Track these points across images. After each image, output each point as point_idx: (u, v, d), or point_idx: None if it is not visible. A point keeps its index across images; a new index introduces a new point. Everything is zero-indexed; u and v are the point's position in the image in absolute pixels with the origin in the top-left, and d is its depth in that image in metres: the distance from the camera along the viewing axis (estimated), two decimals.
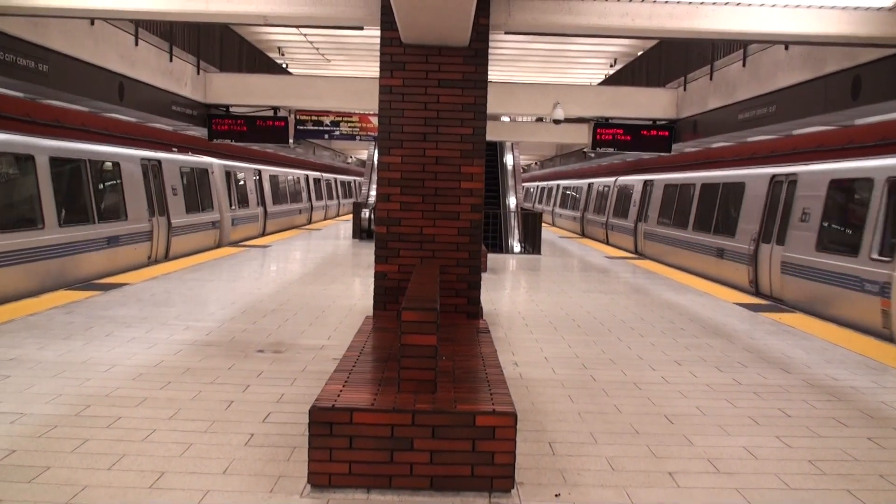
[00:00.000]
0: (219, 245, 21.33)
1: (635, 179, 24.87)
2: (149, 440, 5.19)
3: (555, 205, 40.86)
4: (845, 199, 12.30)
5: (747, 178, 16.07)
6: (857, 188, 11.84)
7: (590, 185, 31.99)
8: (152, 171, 17.55)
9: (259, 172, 26.70)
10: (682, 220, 19.59)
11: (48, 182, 12.82)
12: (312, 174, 37.11)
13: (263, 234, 26.21)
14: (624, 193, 26.10)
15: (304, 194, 34.27)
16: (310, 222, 34.64)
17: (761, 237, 14.68)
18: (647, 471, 4.95)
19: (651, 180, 23.18)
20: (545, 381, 7.10)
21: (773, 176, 14.72)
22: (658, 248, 21.33)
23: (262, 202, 26.67)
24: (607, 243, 26.74)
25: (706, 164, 21.31)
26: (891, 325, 9.99)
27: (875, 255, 10.69)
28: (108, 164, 15.45)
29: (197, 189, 20.28)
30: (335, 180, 44.49)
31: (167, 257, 17.85)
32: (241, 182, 24.59)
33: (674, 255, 19.89)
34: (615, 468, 4.97)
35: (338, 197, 44.43)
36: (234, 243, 22.04)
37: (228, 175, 23.12)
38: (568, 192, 37.58)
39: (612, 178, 28.15)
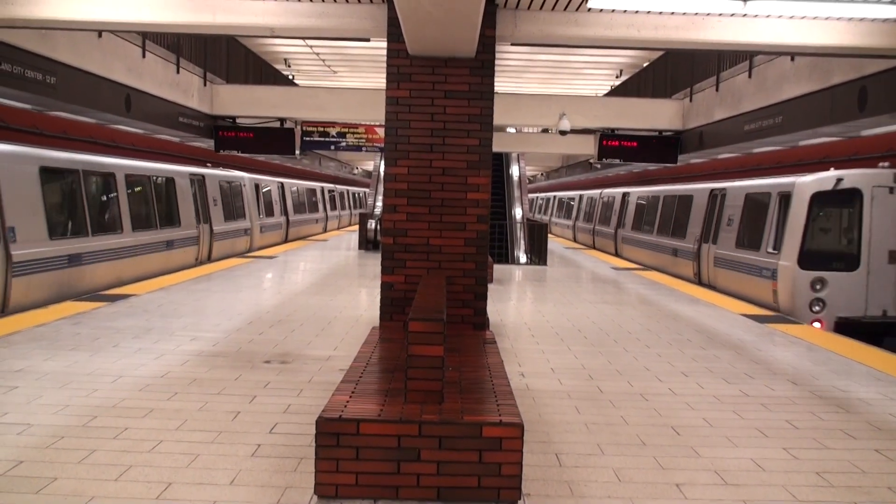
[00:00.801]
0: (250, 249, 23.63)
1: (615, 192, 28.28)
2: (156, 451, 5.19)
3: (551, 214, 43.95)
4: (755, 208, 15.45)
5: (694, 192, 19.36)
6: (761, 200, 15.08)
7: (580, 196, 35.60)
8: (198, 184, 19.89)
9: (282, 185, 29.13)
10: (650, 226, 22.90)
11: (125, 194, 15.42)
12: (328, 186, 39.76)
13: (286, 240, 28.67)
14: (607, 204, 29.43)
15: (321, 205, 36.91)
16: (325, 231, 37.08)
17: (702, 238, 18.05)
18: (654, 482, 4.93)
19: (628, 192, 26.47)
20: (552, 393, 7.09)
21: (712, 190, 18.06)
22: (632, 251, 24.56)
23: (286, 212, 29.23)
24: (594, 248, 30.02)
25: (685, 178, 24.67)
26: (778, 300, 13.43)
27: (770, 250, 14.14)
28: (166, 179, 17.87)
29: (232, 200, 22.62)
30: (347, 192, 46.75)
31: (209, 259, 20.09)
32: (268, 194, 26.89)
33: (644, 256, 23.08)
34: (622, 480, 4.96)
35: (349, 207, 46.35)
36: (262, 248, 24.56)
37: (257, 188, 25.42)
38: (562, 203, 41.22)
39: (598, 191, 31.68)
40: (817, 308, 12.87)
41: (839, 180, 13.02)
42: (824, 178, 13.19)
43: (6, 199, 11.38)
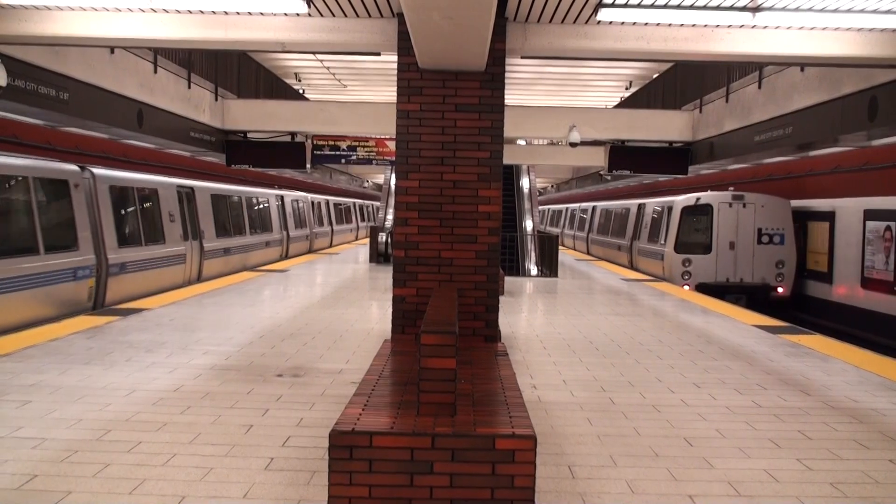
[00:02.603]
0: (309, 251, 31.52)
1: (589, 205, 36.40)
2: (169, 465, 5.22)
3: (546, 224, 52.16)
4: (657, 217, 22.93)
5: (630, 206, 27.07)
6: (661, 211, 22.54)
7: (567, 208, 44.34)
8: (281, 202, 27.74)
9: (328, 201, 37.75)
10: (606, 230, 30.78)
11: (246, 210, 23.40)
12: (358, 201, 48.95)
13: (331, 245, 36.92)
14: (582, 214, 37.77)
15: (353, 217, 45.90)
16: (357, 239, 45.13)
17: (633, 237, 25.87)
18: (668, 494, 4.93)
19: (595, 206, 34.41)
20: (564, 404, 7.09)
21: (639, 204, 25.62)
22: (598, 250, 32.21)
23: (331, 223, 37.78)
24: (574, 249, 38.14)
25: (639, 195, 32.75)
26: (664, 273, 20.97)
27: (662, 243, 21.53)
28: (265, 199, 25.88)
29: (299, 213, 30.48)
30: (372, 205, 54.83)
31: (287, 256, 27.83)
32: (319, 208, 35.02)
33: (603, 253, 30.81)
34: (635, 491, 4.96)
35: (373, 220, 53.58)
36: (317, 250, 32.08)
37: (313, 204, 33.55)
38: (554, 214, 50.22)
39: (577, 205, 40.54)
40: (686, 277, 20.22)
41: (698, 199, 20.49)
42: (689, 198, 20.70)
43: (200, 215, 19.12)
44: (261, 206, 25.17)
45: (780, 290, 19.96)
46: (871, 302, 16.06)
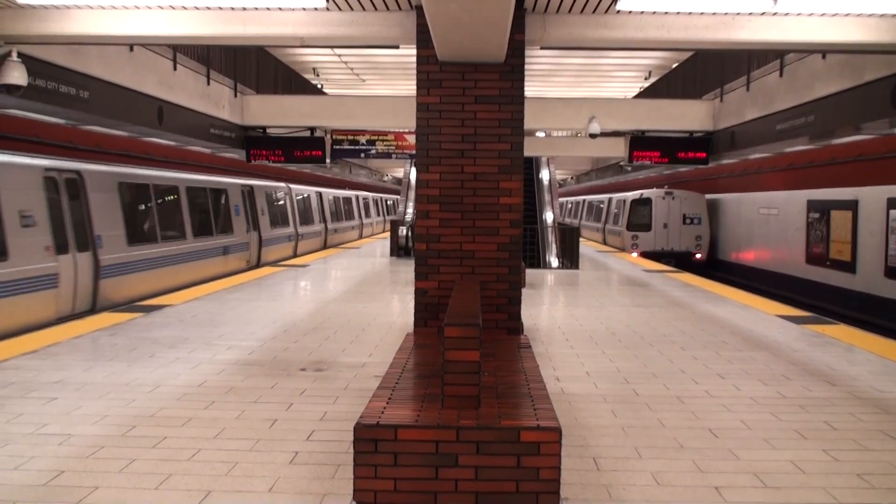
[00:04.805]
0: (372, 234, 44.20)
1: (581, 198, 46.55)
2: (194, 459, 5.24)
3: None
4: (619, 206, 31.48)
5: (603, 199, 36.51)
6: (621, 203, 30.99)
7: (567, 201, 53.86)
8: (358, 198, 40.67)
9: (382, 198, 51.52)
10: (590, 217, 39.87)
11: (343, 205, 36.77)
12: (399, 197, 62.50)
13: (384, 230, 48.20)
14: (579, 206, 46.36)
15: (393, 208, 57.44)
16: None
17: (605, 221, 34.66)
18: (693, 486, 4.90)
19: (585, 199, 44.23)
20: (587, 396, 7.06)
21: (609, 198, 34.59)
22: (586, 232, 37.94)
23: (384, 214, 51.06)
24: None
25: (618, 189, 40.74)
26: (622, 245, 29.80)
27: (620, 224, 30.03)
28: (350, 197, 39.16)
29: (367, 207, 43.81)
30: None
31: (361, 237, 39.99)
32: (378, 203, 48.66)
33: (589, 234, 37.85)
34: (660, 483, 4.93)
35: None
36: (378, 234, 45.18)
37: (373, 200, 46.98)
38: (563, 205, 58.91)
39: (574, 198, 50.67)
40: (635, 247, 28.40)
41: (642, 194, 29.01)
42: (636, 193, 29.43)
43: (325, 209, 32.94)
44: (349, 202, 38.76)
45: (698, 255, 28.28)
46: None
